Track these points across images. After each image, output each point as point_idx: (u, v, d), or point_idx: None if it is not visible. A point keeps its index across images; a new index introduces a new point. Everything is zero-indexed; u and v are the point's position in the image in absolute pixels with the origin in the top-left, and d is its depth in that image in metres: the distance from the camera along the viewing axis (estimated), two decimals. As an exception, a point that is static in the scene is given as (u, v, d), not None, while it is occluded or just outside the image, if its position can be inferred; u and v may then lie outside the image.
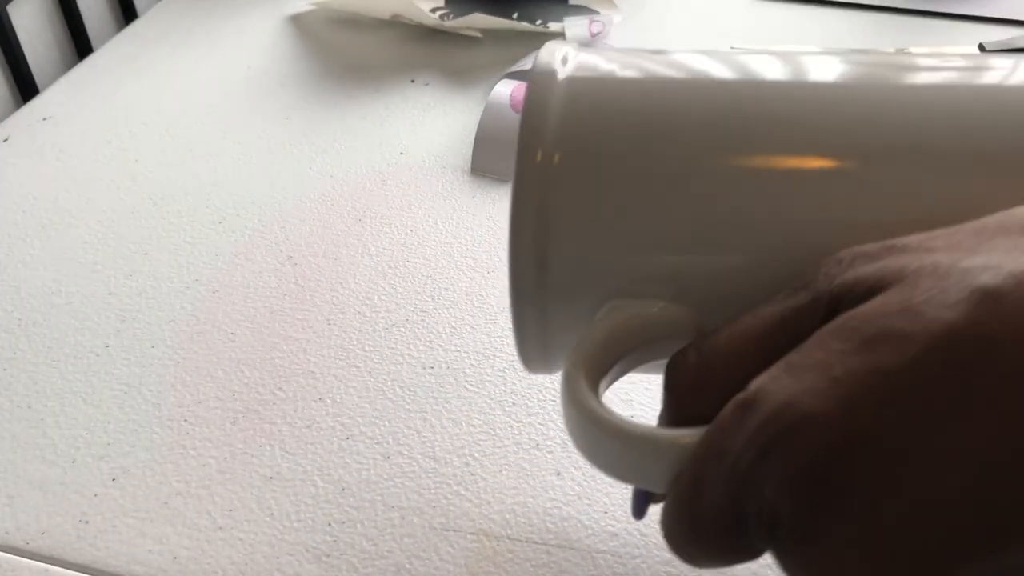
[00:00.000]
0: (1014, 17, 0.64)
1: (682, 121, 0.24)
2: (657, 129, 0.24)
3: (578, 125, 0.25)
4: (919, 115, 0.24)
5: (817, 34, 0.63)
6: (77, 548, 0.34)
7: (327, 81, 0.60)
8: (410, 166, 0.52)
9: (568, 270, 0.25)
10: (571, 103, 0.25)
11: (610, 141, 0.25)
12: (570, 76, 0.26)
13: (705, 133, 0.24)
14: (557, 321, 0.26)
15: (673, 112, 0.25)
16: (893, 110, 0.24)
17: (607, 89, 0.26)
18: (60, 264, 0.46)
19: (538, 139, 0.25)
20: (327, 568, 0.33)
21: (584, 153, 0.25)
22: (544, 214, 0.25)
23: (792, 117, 0.24)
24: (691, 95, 0.25)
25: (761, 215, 0.24)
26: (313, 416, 0.39)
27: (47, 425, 0.39)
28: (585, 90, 0.26)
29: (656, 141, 0.24)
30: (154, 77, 0.60)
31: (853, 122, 0.24)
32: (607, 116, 0.25)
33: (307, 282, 0.45)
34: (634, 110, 0.25)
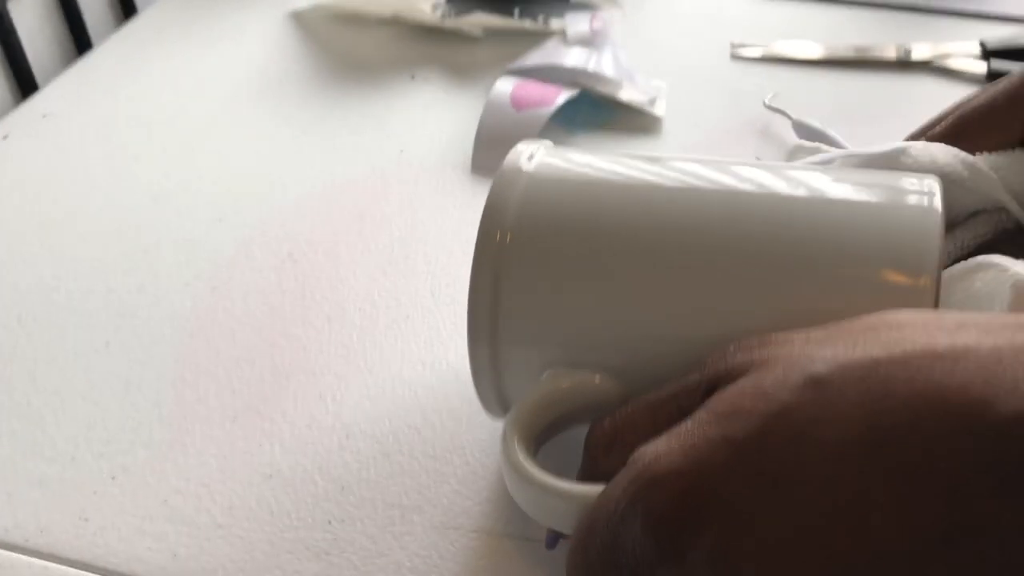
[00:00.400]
0: (1016, 14, 0.64)
1: (610, 226, 0.31)
2: (592, 230, 0.31)
3: (531, 216, 0.31)
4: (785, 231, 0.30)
5: (817, 33, 0.63)
6: (76, 546, 0.34)
7: (327, 78, 0.60)
8: (410, 163, 0.52)
9: (513, 332, 0.31)
10: (528, 196, 0.32)
11: (554, 233, 0.31)
12: (531, 174, 0.32)
13: (624, 238, 0.31)
14: (507, 374, 0.32)
15: (606, 218, 0.31)
16: (761, 226, 0.30)
17: (559, 189, 0.32)
18: (60, 261, 0.46)
19: (498, 222, 0.31)
20: (327, 566, 0.33)
21: (533, 239, 0.31)
22: (496, 283, 0.31)
23: (688, 229, 0.30)
24: (620, 206, 0.31)
25: (664, 307, 0.30)
26: (313, 414, 0.39)
27: (46, 422, 0.39)
28: (541, 187, 0.32)
29: (589, 239, 0.31)
30: (154, 74, 0.60)
31: (738, 236, 0.30)
32: (554, 212, 0.31)
33: (307, 280, 0.45)
34: (576, 211, 0.31)
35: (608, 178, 0.33)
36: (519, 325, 0.31)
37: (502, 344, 0.31)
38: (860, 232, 0.29)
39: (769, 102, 0.55)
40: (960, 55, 0.59)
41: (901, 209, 0.30)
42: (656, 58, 0.61)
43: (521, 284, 0.31)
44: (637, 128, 0.55)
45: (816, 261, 0.29)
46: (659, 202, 0.31)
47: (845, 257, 0.29)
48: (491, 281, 0.31)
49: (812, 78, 0.59)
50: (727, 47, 0.62)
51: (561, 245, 0.31)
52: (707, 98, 0.57)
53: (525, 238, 0.31)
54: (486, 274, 0.31)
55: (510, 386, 0.32)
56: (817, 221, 0.30)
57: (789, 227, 0.30)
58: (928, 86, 0.58)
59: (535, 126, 0.51)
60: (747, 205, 0.31)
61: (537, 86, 0.54)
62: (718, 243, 0.30)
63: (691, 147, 0.53)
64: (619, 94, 0.55)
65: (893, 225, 0.29)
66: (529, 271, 0.31)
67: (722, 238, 0.30)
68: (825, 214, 0.30)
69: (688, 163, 0.33)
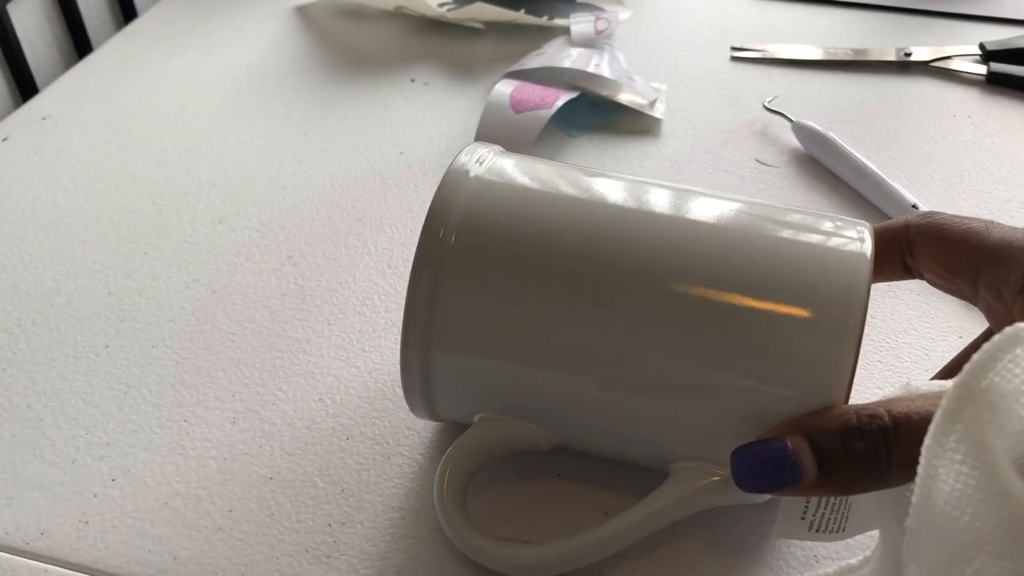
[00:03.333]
0: (1015, 16, 0.64)
1: (547, 247, 0.31)
2: (526, 241, 0.31)
3: (474, 218, 0.32)
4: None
5: (817, 35, 0.63)
6: (77, 548, 0.34)
7: (327, 80, 0.60)
8: (410, 165, 0.52)
9: (448, 327, 0.31)
10: (473, 199, 0.32)
11: (494, 236, 0.31)
12: (478, 176, 0.33)
13: (560, 260, 0.31)
14: (437, 370, 0.32)
15: (541, 229, 0.31)
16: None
17: (503, 194, 0.32)
18: (59, 264, 0.46)
19: (442, 221, 0.32)
20: (327, 569, 0.33)
21: (474, 240, 0.31)
22: (436, 280, 0.31)
23: (623, 263, 0.31)
24: (560, 227, 0.31)
25: (590, 339, 0.31)
26: (313, 416, 0.39)
27: (47, 425, 0.39)
28: (486, 191, 0.32)
29: (523, 250, 0.31)
30: (154, 76, 0.60)
31: (673, 271, 0.30)
32: (496, 216, 0.32)
33: (307, 282, 0.45)
34: (516, 219, 0.32)
35: (553, 195, 0.33)
36: (454, 315, 0.31)
37: (434, 349, 0.32)
38: (792, 272, 0.30)
39: (769, 104, 0.55)
40: (960, 57, 0.59)
41: (833, 251, 0.31)
42: (656, 60, 0.61)
43: (458, 292, 0.31)
44: (637, 130, 0.55)
45: (750, 298, 0.30)
46: (600, 230, 0.31)
47: (778, 295, 0.30)
48: (431, 273, 0.31)
49: (812, 80, 0.59)
50: (727, 49, 0.62)
51: (499, 257, 0.31)
52: (707, 100, 0.57)
53: (467, 246, 0.31)
54: (428, 266, 0.31)
55: (439, 383, 0.33)
56: (754, 259, 0.30)
57: (723, 265, 0.30)
58: (928, 88, 0.58)
59: (534, 128, 0.51)
60: (685, 239, 0.31)
61: (536, 88, 0.54)
62: (651, 279, 0.30)
63: (691, 149, 0.53)
64: (619, 96, 0.55)
65: (825, 265, 0.30)
66: (466, 282, 0.31)
67: (656, 275, 0.30)
68: (762, 253, 0.31)
69: (642, 187, 0.33)
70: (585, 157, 0.53)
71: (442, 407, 0.34)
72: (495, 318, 0.31)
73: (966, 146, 0.53)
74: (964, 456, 0.23)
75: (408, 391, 0.33)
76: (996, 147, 0.53)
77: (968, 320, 0.42)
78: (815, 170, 0.51)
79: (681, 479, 0.32)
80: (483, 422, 0.33)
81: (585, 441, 0.34)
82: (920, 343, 0.41)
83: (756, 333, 0.30)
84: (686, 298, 0.30)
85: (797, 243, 0.31)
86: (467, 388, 0.33)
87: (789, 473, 0.28)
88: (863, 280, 0.30)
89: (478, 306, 0.31)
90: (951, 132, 0.54)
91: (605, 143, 0.54)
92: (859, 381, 0.40)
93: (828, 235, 0.31)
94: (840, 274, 0.30)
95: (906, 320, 0.43)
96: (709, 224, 0.32)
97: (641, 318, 0.30)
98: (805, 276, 0.30)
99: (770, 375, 0.29)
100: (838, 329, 0.29)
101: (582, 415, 0.32)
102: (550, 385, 0.32)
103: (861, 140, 0.53)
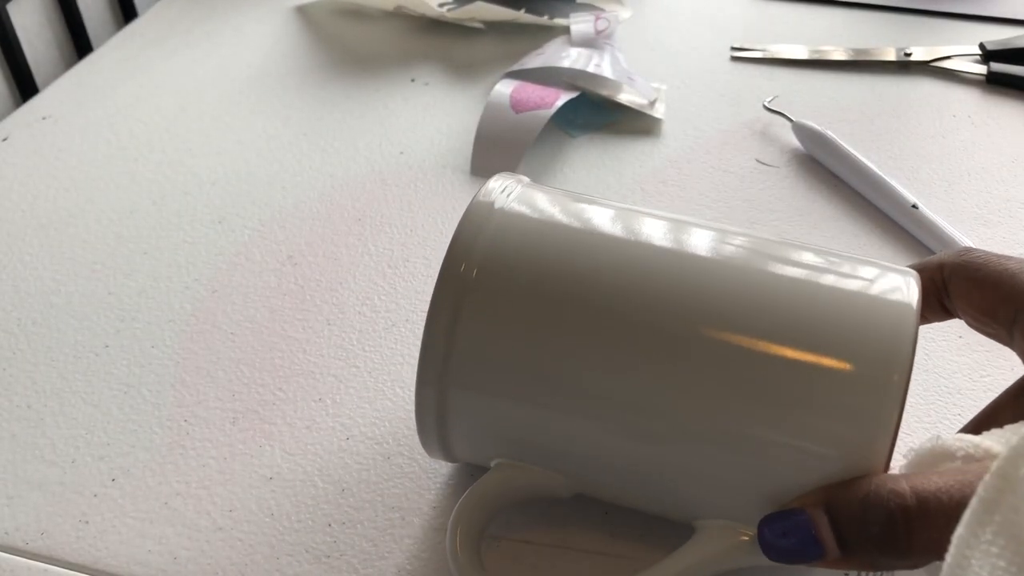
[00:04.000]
0: (1015, 16, 0.64)
1: (567, 280, 0.30)
2: (549, 280, 0.30)
3: (496, 254, 0.30)
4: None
5: (817, 35, 0.63)
6: (77, 548, 0.34)
7: (327, 80, 0.60)
8: (410, 166, 0.52)
9: (466, 366, 0.30)
10: (496, 234, 0.31)
11: (516, 273, 0.30)
12: (503, 209, 0.31)
13: (578, 300, 0.29)
14: (453, 411, 0.31)
15: (567, 266, 0.30)
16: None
17: (528, 228, 0.31)
18: (59, 264, 0.46)
19: (464, 255, 0.30)
20: (327, 569, 0.33)
21: (497, 275, 0.30)
22: (455, 315, 0.30)
23: (654, 310, 0.29)
24: (588, 260, 0.30)
25: (612, 385, 0.29)
26: (313, 416, 0.39)
27: (47, 425, 0.39)
28: (510, 224, 0.31)
29: (546, 288, 0.30)
30: (154, 76, 0.60)
31: (707, 320, 0.29)
32: (518, 252, 0.30)
33: (307, 282, 0.45)
34: (541, 255, 0.30)
35: (578, 232, 0.31)
36: (473, 351, 0.30)
37: (451, 389, 0.30)
38: (833, 321, 0.28)
39: (769, 104, 0.55)
40: (960, 57, 0.59)
41: (879, 303, 0.29)
42: (656, 60, 0.61)
43: (478, 330, 0.30)
44: (637, 130, 0.55)
45: (787, 346, 0.28)
46: (629, 269, 0.30)
47: (817, 345, 0.28)
48: (451, 307, 0.30)
49: (812, 80, 0.59)
50: (727, 49, 0.62)
51: (521, 295, 0.30)
52: (707, 100, 0.57)
53: (489, 281, 0.30)
54: (448, 299, 0.30)
55: (454, 424, 0.31)
56: (792, 304, 0.29)
57: (759, 310, 0.29)
58: (928, 88, 0.58)
59: (534, 128, 0.51)
60: (719, 281, 0.29)
61: (536, 88, 0.54)
62: (681, 323, 0.29)
63: (691, 149, 0.53)
64: (619, 96, 0.55)
65: (871, 318, 0.28)
66: (487, 319, 0.30)
67: (686, 318, 0.29)
68: (802, 299, 0.29)
69: (673, 224, 0.31)
70: (585, 157, 0.53)
71: (458, 449, 0.33)
72: (516, 358, 0.30)
73: (966, 146, 0.53)
74: (1001, 550, 0.22)
75: (423, 432, 0.32)
76: (996, 147, 0.53)
77: (968, 320, 0.42)
78: (815, 170, 0.51)
79: (708, 537, 0.30)
80: (500, 468, 0.32)
81: (607, 491, 0.32)
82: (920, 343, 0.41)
83: (791, 384, 0.28)
84: (717, 344, 0.28)
85: (839, 290, 0.29)
86: (484, 431, 0.31)
87: (812, 548, 0.27)
88: (909, 332, 0.28)
89: (498, 345, 0.30)
90: (951, 132, 0.54)
91: (605, 143, 0.54)
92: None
93: (872, 282, 0.30)
94: (885, 325, 0.28)
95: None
96: (745, 266, 0.30)
97: (670, 363, 0.29)
98: (847, 326, 0.28)
99: (804, 429, 0.28)
100: (880, 383, 0.27)
101: (605, 464, 0.30)
102: (572, 431, 0.30)
103: (861, 140, 0.53)
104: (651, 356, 0.29)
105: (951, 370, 0.40)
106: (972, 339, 0.41)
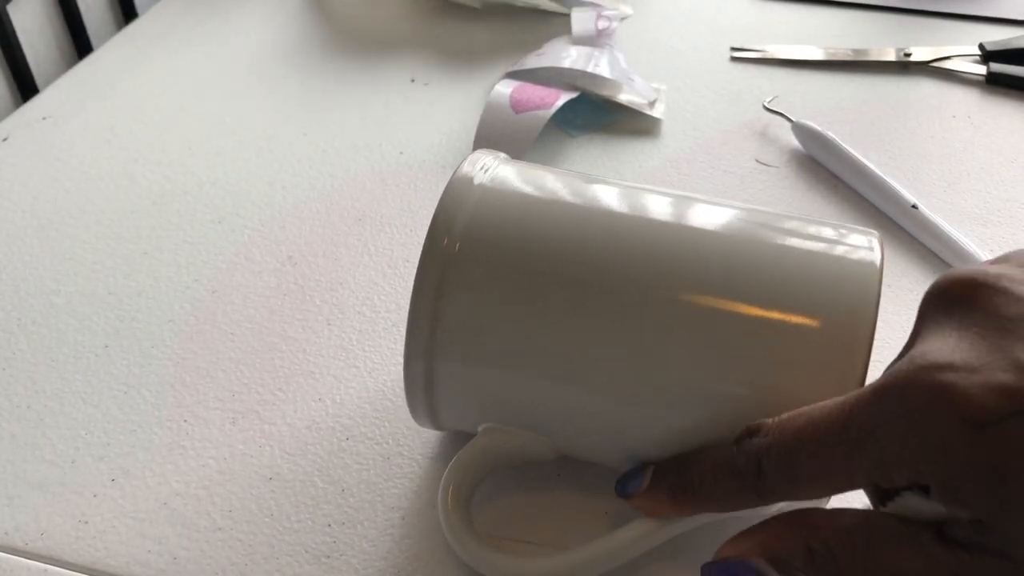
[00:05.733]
0: (1014, 17, 0.64)
1: (552, 254, 0.31)
2: (530, 250, 0.31)
3: (478, 227, 0.31)
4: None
5: (816, 35, 0.63)
6: (76, 549, 0.34)
7: (327, 80, 0.60)
8: (410, 166, 0.52)
9: (452, 338, 0.31)
10: (477, 208, 0.32)
11: (498, 246, 0.31)
12: (482, 184, 0.33)
13: (563, 268, 0.31)
14: (441, 382, 0.32)
15: (549, 245, 0.31)
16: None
17: (508, 202, 0.32)
18: (60, 264, 0.46)
19: (446, 230, 0.31)
20: (327, 569, 0.33)
21: (478, 248, 0.31)
22: (439, 289, 0.31)
23: (632, 272, 0.30)
24: (564, 234, 0.31)
25: (594, 345, 0.30)
26: (313, 417, 0.39)
27: (46, 425, 0.39)
28: (490, 199, 0.32)
29: (527, 259, 0.31)
30: (154, 77, 0.60)
31: (681, 280, 0.30)
32: (500, 225, 0.31)
33: (307, 282, 0.45)
34: (520, 227, 0.31)
35: (557, 203, 0.32)
36: (458, 322, 0.31)
37: (438, 360, 0.31)
38: (799, 281, 0.30)
39: (769, 104, 0.55)
40: (959, 57, 0.59)
41: (843, 261, 0.30)
42: (655, 60, 0.61)
43: (462, 302, 0.31)
44: (637, 130, 0.55)
45: (757, 307, 0.29)
46: (605, 239, 0.31)
47: (785, 304, 0.29)
48: (435, 281, 0.31)
49: (811, 80, 0.59)
50: (726, 49, 0.62)
51: (503, 266, 0.31)
52: (706, 100, 0.57)
53: (471, 254, 0.31)
54: (432, 274, 0.31)
55: (442, 391, 0.32)
56: (761, 267, 0.30)
57: (730, 273, 0.30)
58: (927, 88, 0.58)
59: (534, 128, 0.51)
60: (692, 247, 0.31)
61: (536, 88, 0.54)
62: (657, 289, 0.30)
63: (690, 149, 0.53)
64: (618, 96, 0.55)
65: (834, 274, 0.30)
66: (470, 292, 0.31)
67: (662, 284, 0.30)
68: (769, 261, 0.30)
69: (646, 195, 0.33)
70: (585, 157, 0.53)
71: (446, 417, 0.34)
72: (499, 328, 0.31)
73: (966, 146, 0.53)
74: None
75: (412, 401, 0.33)
76: (996, 147, 0.53)
77: (968, 320, 0.42)
78: (815, 170, 0.51)
79: None
80: (487, 432, 0.33)
81: (590, 451, 0.33)
82: (920, 343, 0.41)
83: (763, 343, 0.29)
84: (691, 307, 0.30)
85: (805, 251, 0.31)
86: (471, 399, 0.32)
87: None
88: (872, 289, 0.29)
89: (482, 316, 0.31)
90: (951, 132, 0.54)
91: (605, 143, 0.54)
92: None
93: (836, 243, 0.31)
94: (849, 283, 0.29)
95: (906, 320, 0.42)
96: (715, 232, 0.31)
97: (646, 328, 0.30)
98: (813, 285, 0.29)
99: (776, 387, 0.29)
100: (847, 339, 0.29)
101: (588, 425, 0.32)
102: (555, 395, 0.31)
103: (861, 140, 0.53)
104: (627, 320, 0.30)
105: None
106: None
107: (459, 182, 0.33)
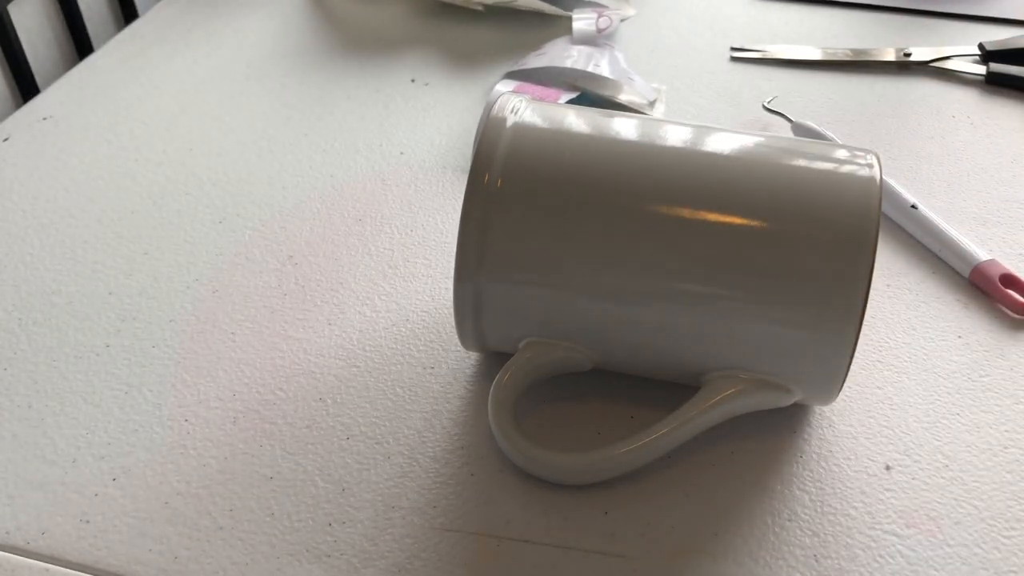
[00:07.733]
0: (1015, 16, 0.64)
1: (579, 173, 0.35)
2: (566, 177, 0.34)
3: (517, 162, 0.35)
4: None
5: (816, 35, 0.63)
6: (78, 548, 0.34)
7: (327, 81, 0.60)
8: (410, 166, 0.52)
9: (497, 263, 0.35)
10: (513, 143, 0.35)
11: (537, 178, 0.35)
12: (515, 123, 0.36)
13: (595, 192, 0.34)
14: (488, 304, 0.35)
15: (578, 167, 0.35)
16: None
17: (540, 138, 0.36)
18: (60, 264, 0.46)
19: (486, 167, 0.35)
20: (327, 568, 0.33)
21: (518, 182, 0.35)
22: (484, 221, 0.34)
23: (660, 189, 0.34)
24: (597, 161, 0.35)
25: (632, 259, 0.34)
26: (314, 416, 0.39)
27: (47, 425, 0.39)
28: (524, 135, 0.36)
29: (566, 187, 0.34)
30: (154, 77, 0.60)
31: (707, 196, 0.34)
32: (537, 159, 0.35)
33: (307, 282, 0.45)
34: (553, 159, 0.35)
35: (583, 134, 0.36)
36: (503, 250, 0.34)
37: (485, 283, 0.35)
38: (810, 195, 0.34)
39: (769, 104, 0.55)
40: (959, 57, 0.59)
41: (847, 177, 0.34)
42: (656, 60, 0.61)
43: (505, 230, 0.34)
44: (637, 130, 0.55)
45: (774, 220, 0.33)
46: (631, 165, 0.35)
47: (798, 216, 0.33)
48: (480, 216, 0.34)
49: (811, 80, 0.59)
50: (727, 50, 0.62)
51: (541, 198, 0.34)
52: (706, 100, 0.57)
53: (511, 188, 0.34)
54: (477, 209, 0.34)
55: (488, 313, 0.36)
56: (777, 185, 0.34)
57: (747, 192, 0.34)
58: (927, 88, 0.58)
59: (535, 128, 0.51)
60: (712, 171, 0.34)
61: (537, 88, 0.54)
62: (681, 207, 0.34)
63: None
64: (619, 96, 0.55)
65: (839, 188, 0.34)
66: (512, 221, 0.34)
67: (686, 203, 0.34)
68: (783, 180, 0.34)
69: (667, 126, 0.36)
70: (585, 157, 0.53)
71: (491, 336, 0.37)
72: (540, 251, 0.34)
73: (965, 146, 0.53)
74: None
75: (461, 324, 0.36)
76: (996, 147, 0.53)
77: (968, 320, 0.42)
78: (815, 170, 0.51)
79: (713, 387, 0.35)
80: (530, 346, 0.36)
81: (625, 359, 0.36)
82: (920, 343, 0.42)
83: (781, 250, 0.33)
84: (715, 225, 0.33)
85: (814, 170, 0.35)
86: (514, 316, 0.36)
87: None
88: (874, 200, 0.33)
89: (524, 242, 0.34)
90: (950, 132, 0.54)
91: (605, 143, 0.54)
92: (857, 381, 0.40)
93: (841, 163, 0.35)
94: (854, 196, 0.33)
95: (906, 320, 0.43)
96: (733, 157, 0.35)
97: (674, 243, 0.33)
98: (820, 198, 0.33)
99: (793, 286, 0.33)
100: (854, 242, 0.33)
101: (622, 333, 0.35)
102: (592, 307, 0.35)
103: (861, 140, 0.53)
104: (654, 236, 0.34)
105: (951, 370, 0.40)
106: (972, 339, 0.41)
107: (494, 122, 0.36)
